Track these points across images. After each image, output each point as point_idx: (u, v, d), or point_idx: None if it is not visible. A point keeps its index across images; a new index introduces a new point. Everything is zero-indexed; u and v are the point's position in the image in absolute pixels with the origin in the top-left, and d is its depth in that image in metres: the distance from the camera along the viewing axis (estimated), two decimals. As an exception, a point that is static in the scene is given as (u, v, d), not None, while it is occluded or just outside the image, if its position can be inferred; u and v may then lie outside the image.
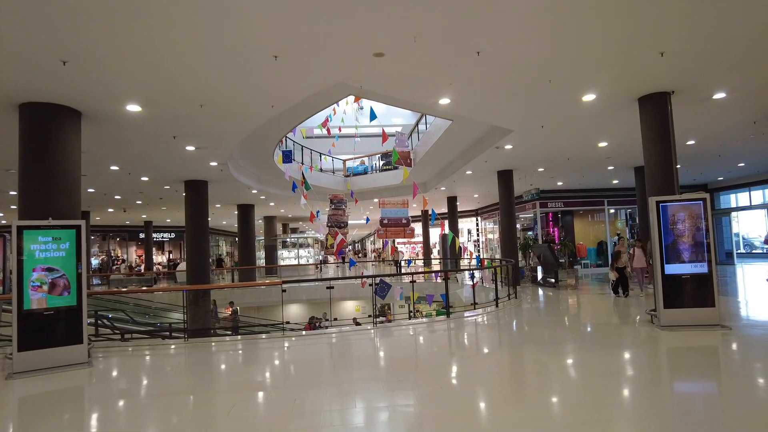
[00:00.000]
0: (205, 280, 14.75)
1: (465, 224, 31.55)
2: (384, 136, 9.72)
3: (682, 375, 5.27)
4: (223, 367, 6.64)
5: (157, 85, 6.81)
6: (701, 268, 7.33)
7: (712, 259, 7.32)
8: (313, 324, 16.62)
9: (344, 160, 22.42)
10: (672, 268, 7.40)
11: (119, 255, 38.24)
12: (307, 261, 29.13)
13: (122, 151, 10.55)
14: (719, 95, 8.35)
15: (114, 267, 34.89)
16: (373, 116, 9.08)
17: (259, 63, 6.14)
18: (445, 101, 8.06)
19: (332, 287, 8.97)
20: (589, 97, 8.25)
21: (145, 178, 14.07)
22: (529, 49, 6.18)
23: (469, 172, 15.56)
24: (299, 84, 6.97)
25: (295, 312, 20.86)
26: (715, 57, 6.68)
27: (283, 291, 8.41)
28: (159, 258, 39.53)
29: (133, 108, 7.60)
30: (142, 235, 32.80)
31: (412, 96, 7.91)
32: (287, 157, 13.94)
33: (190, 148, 10.36)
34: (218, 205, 22.08)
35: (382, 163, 22.43)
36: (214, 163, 12.11)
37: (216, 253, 42.89)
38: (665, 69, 7.01)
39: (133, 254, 38.82)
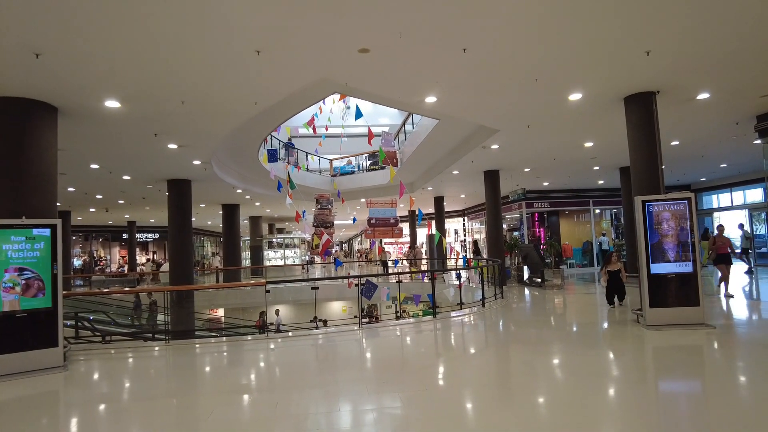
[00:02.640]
0: (189, 281, 14.49)
1: (452, 224, 31.57)
2: (370, 135, 9.60)
3: (667, 374, 5.26)
4: (204, 369, 6.48)
5: (135, 81, 6.62)
6: (686, 267, 7.35)
7: (697, 259, 7.35)
8: (263, 321, 16.53)
9: (331, 160, 22.28)
10: (657, 268, 7.42)
11: (102, 255, 37.59)
12: (294, 261, 28.88)
13: (102, 148, 10.29)
14: (703, 96, 8.40)
15: (97, 268, 34.27)
16: (358, 114, 8.95)
17: (241, 58, 6.01)
18: (431, 99, 7.99)
19: (317, 288, 8.83)
20: (575, 97, 8.24)
21: (126, 177, 13.78)
22: (516, 47, 6.13)
23: (455, 172, 15.52)
24: (283, 80, 6.84)
25: (281, 313, 20.64)
26: (700, 57, 6.71)
27: (267, 292, 8.25)
28: (143, 259, 38.93)
29: (112, 104, 7.39)
30: (125, 236, 32.22)
31: (398, 94, 7.82)
32: (272, 155, 13.78)
33: (172, 146, 10.14)
34: (202, 205, 21.77)
35: (369, 162, 22.33)
36: (197, 162, 11.89)
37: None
38: (651, 68, 7.02)
39: (117, 255, 38.20)
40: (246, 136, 11.13)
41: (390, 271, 22.53)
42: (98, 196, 17.50)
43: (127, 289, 19.12)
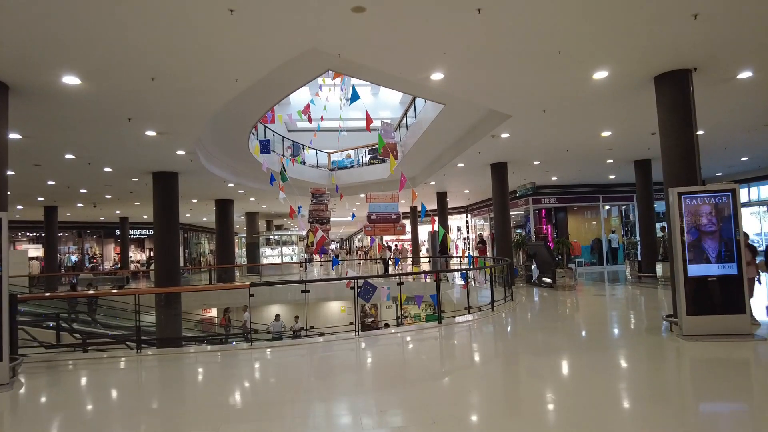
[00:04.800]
0: (175, 280, 13.56)
1: (454, 221, 30.62)
2: (368, 120, 8.64)
3: (713, 395, 4.33)
4: (169, 389, 5.54)
5: (94, 51, 5.66)
6: (730, 269, 6.39)
7: (743, 259, 6.39)
8: (228, 317, 15.89)
9: (329, 153, 21.34)
10: (696, 269, 6.47)
11: (97, 252, 36.73)
12: (291, 259, 27.94)
13: (73, 136, 9.31)
14: (745, 74, 7.42)
15: (90, 265, 33.40)
16: (355, 96, 8.00)
17: (213, 19, 5.04)
18: (437, 76, 7.00)
19: (308, 291, 7.86)
20: (600, 75, 7.27)
21: (108, 169, 12.81)
22: (539, 8, 5.16)
23: (460, 165, 14.56)
24: (264, 50, 5.85)
25: (277, 312, 19.72)
26: (754, 23, 5.71)
27: (251, 296, 7.30)
28: (138, 256, 38.10)
29: (71, 80, 6.42)
30: (119, 232, 31.28)
31: (400, 67, 6.79)
32: (265, 147, 12.83)
33: (150, 132, 9.17)
34: (195, 200, 20.84)
35: (369, 157, 21.41)
36: (181, 152, 10.92)
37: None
38: (693, 38, 6.04)
39: (112, 252, 37.32)
40: (233, 124, 10.19)
41: (391, 268, 21.66)
42: (82, 190, 16.53)
43: (90, 292, 18.13)
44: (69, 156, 10.92)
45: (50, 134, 9.07)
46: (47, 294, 16.42)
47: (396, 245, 27.44)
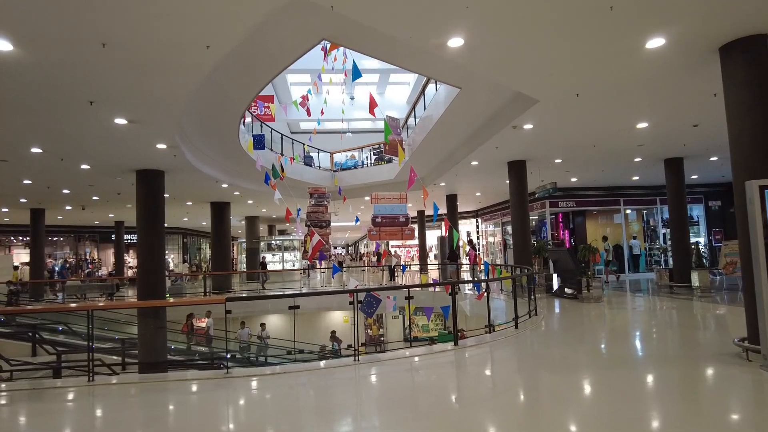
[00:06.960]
0: (160, 290, 12.29)
1: (464, 226, 29.30)
2: (372, 102, 7.34)
3: None
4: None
5: (19, 3, 4.43)
6: (831, 282, 5.03)
7: None
8: (191, 323, 14.61)
9: (331, 153, 20.12)
10: (785, 283, 5.11)
11: (95, 258, 35.70)
12: (293, 265, 26.66)
13: (33, 123, 8.05)
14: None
15: (86, 271, 32.28)
16: (356, 74, 6.72)
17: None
18: (456, 42, 5.66)
19: (297, 306, 6.53)
20: (654, 44, 5.94)
21: (85, 166, 11.57)
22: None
23: (474, 163, 13.24)
24: (236, 2, 4.57)
25: (274, 323, 18.44)
26: None
27: (228, 312, 6.01)
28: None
29: (2, 45, 5.19)
30: (114, 237, 30.20)
31: (410, 27, 5.39)
32: (259, 142, 11.61)
33: (121, 120, 7.93)
34: (189, 203, 19.64)
35: (374, 158, 20.20)
36: (161, 146, 9.68)
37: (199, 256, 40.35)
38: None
39: (111, 257, 36.30)
40: (219, 112, 8.97)
41: (398, 276, 20.40)
42: (65, 191, 15.33)
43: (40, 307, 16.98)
44: (36, 150, 9.69)
45: (4, 121, 7.85)
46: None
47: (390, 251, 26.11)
